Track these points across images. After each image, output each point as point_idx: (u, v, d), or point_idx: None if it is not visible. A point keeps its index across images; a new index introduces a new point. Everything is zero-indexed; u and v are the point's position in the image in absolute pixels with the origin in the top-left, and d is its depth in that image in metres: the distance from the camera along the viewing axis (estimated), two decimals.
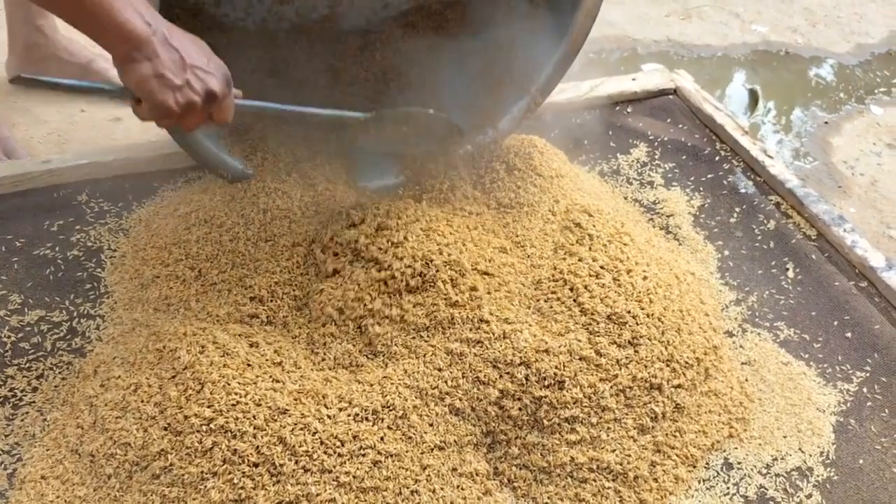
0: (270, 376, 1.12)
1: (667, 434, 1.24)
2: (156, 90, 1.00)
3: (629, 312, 1.27)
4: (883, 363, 1.44)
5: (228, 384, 1.09)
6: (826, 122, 2.37)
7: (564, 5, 1.43)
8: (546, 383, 1.18)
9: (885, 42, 2.92)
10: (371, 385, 1.14)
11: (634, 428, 1.21)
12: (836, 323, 1.51)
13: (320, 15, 1.57)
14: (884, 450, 1.31)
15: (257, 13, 1.53)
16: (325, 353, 1.23)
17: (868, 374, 1.42)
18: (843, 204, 2.07)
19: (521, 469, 1.17)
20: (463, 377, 1.17)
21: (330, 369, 1.19)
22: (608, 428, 1.20)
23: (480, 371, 1.17)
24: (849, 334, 1.49)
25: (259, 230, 1.38)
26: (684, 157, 1.87)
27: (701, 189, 1.78)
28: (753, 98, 2.41)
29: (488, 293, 1.26)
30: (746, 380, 1.38)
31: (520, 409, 1.17)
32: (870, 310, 1.53)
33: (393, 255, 1.29)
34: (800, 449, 1.29)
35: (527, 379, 1.17)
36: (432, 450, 1.11)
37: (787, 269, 1.61)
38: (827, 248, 1.65)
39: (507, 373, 1.17)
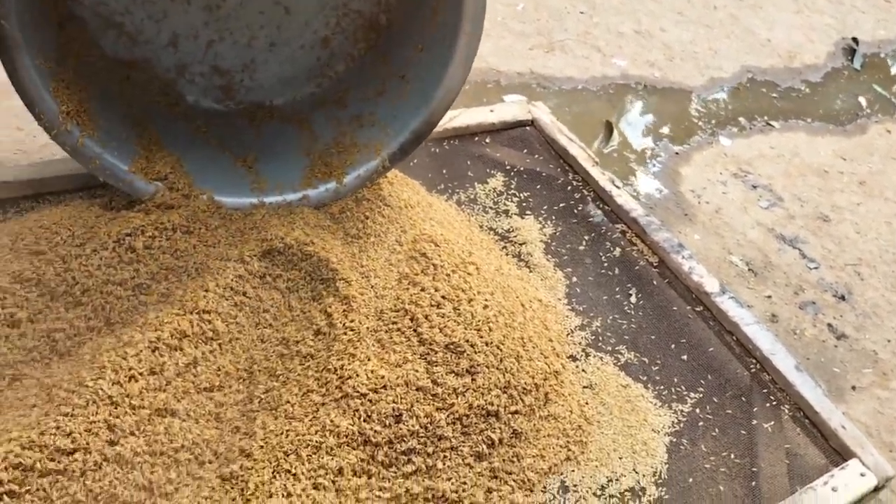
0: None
1: (504, 460, 1.25)
2: None
3: (468, 341, 1.29)
4: (715, 384, 1.52)
5: None
6: (677, 153, 2.50)
7: (429, 83, 1.46)
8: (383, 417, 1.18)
9: (737, 76, 3.10)
10: None
11: (471, 455, 1.23)
12: (673, 346, 1.58)
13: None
14: (713, 468, 1.37)
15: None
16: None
17: (701, 395, 1.49)
18: (688, 231, 2.18)
19: None
20: None
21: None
22: (444, 457, 1.20)
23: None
24: (685, 356, 1.56)
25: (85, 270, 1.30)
26: (539, 186, 1.92)
27: (553, 217, 1.84)
28: (608, 129, 2.50)
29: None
30: (587, 403, 1.42)
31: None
32: (706, 333, 1.61)
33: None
34: (634, 469, 1.34)
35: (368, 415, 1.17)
36: None
37: (631, 295, 1.67)
38: (667, 274, 1.73)
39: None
